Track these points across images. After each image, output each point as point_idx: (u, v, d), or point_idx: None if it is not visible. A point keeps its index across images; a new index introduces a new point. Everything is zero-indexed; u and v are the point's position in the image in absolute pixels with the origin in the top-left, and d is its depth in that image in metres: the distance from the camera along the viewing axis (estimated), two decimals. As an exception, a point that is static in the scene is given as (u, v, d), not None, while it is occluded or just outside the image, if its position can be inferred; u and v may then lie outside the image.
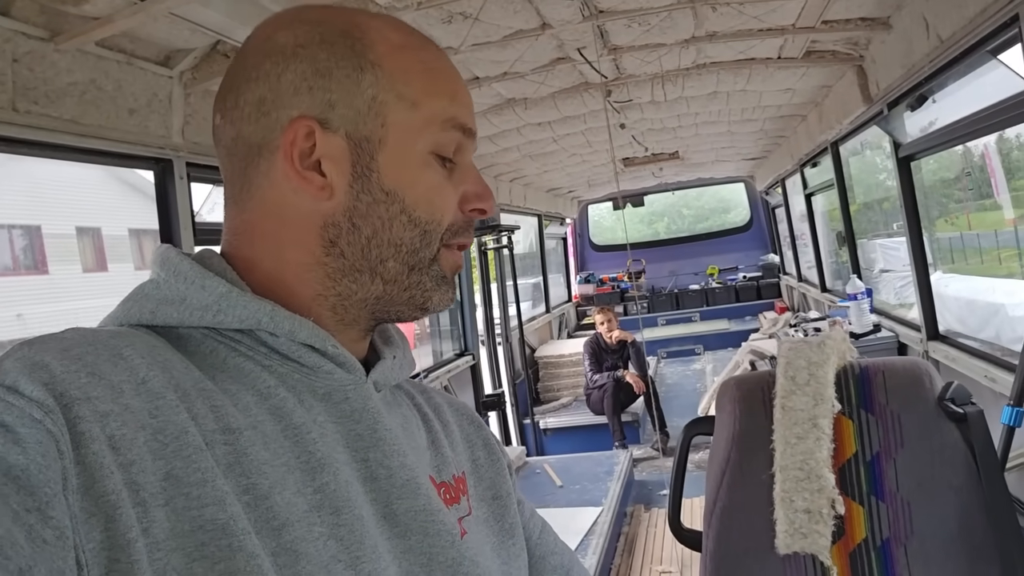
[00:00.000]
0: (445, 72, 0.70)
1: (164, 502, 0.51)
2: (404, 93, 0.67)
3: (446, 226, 0.69)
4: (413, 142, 0.67)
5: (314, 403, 0.65)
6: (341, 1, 2.21)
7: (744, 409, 1.44)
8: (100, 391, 0.51)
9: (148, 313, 0.63)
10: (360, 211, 0.67)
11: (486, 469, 0.84)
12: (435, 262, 0.70)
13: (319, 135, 0.66)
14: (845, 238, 5.10)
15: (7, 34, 1.76)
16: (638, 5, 2.67)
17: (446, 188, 0.69)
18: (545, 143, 5.02)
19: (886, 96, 3.35)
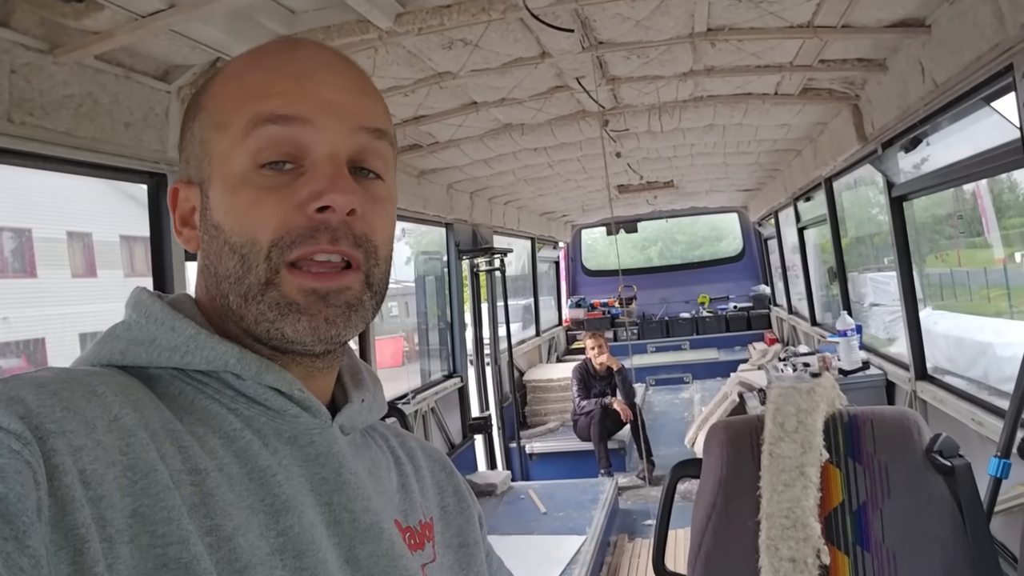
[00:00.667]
0: (262, 76, 0.66)
1: (129, 539, 0.51)
2: (218, 121, 0.66)
3: (269, 242, 0.63)
4: (230, 166, 0.65)
5: (279, 446, 0.65)
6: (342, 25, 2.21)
7: (732, 453, 1.43)
8: (74, 425, 0.52)
9: (118, 353, 0.64)
10: (206, 251, 0.67)
11: (455, 516, 0.83)
12: (271, 287, 0.63)
13: (182, 192, 0.70)
14: (836, 273, 5.12)
15: (6, 45, 1.76)
16: (637, 38, 2.69)
17: (264, 201, 0.63)
18: (541, 168, 5.04)
19: (880, 136, 3.38)
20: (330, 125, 0.65)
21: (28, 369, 0.69)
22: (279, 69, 0.66)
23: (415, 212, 4.50)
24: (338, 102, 0.66)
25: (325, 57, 0.68)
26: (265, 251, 0.63)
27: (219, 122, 0.66)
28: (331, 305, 0.64)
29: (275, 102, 0.64)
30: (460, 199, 5.26)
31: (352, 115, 0.66)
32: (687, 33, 2.68)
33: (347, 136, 0.66)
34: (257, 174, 0.64)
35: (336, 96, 0.66)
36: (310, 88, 0.65)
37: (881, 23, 2.59)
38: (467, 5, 2.21)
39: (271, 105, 0.64)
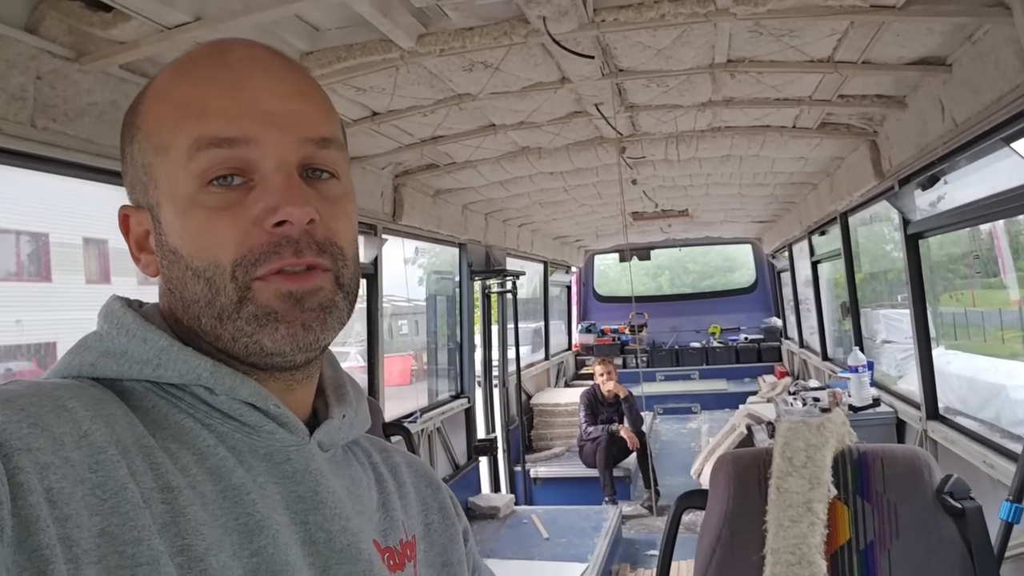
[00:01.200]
0: (195, 94, 0.63)
1: (97, 559, 0.49)
2: (158, 143, 0.63)
3: (232, 263, 0.61)
4: (176, 189, 0.62)
5: (255, 463, 0.63)
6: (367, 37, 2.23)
7: (738, 486, 1.42)
8: (41, 442, 0.50)
9: (88, 365, 0.62)
10: (167, 276, 0.65)
11: (439, 534, 0.81)
12: (246, 303, 0.62)
13: (132, 218, 0.67)
14: (849, 308, 5.09)
15: (33, 52, 1.78)
16: (658, 67, 2.70)
17: (216, 222, 0.61)
18: (556, 192, 5.05)
19: (898, 173, 3.37)
20: (274, 138, 0.62)
21: (39, 373, 0.69)
22: (212, 79, 0.63)
23: (429, 231, 4.51)
24: (280, 112, 0.63)
25: (260, 60, 0.65)
26: (230, 272, 0.61)
27: (158, 144, 0.63)
28: (306, 309, 0.63)
29: (214, 123, 0.61)
30: (475, 220, 5.27)
31: (296, 125, 0.63)
32: (707, 64, 2.69)
33: (293, 146, 0.63)
34: (206, 193, 0.61)
35: (277, 105, 0.63)
36: (247, 100, 0.62)
37: (902, 60, 2.60)
38: (489, 28, 2.23)
39: (210, 127, 0.61)
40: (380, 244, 3.83)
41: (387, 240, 3.92)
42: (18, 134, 1.78)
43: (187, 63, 0.65)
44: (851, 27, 2.33)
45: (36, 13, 1.77)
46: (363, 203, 3.58)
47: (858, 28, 2.33)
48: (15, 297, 12.80)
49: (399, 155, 3.55)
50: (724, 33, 2.38)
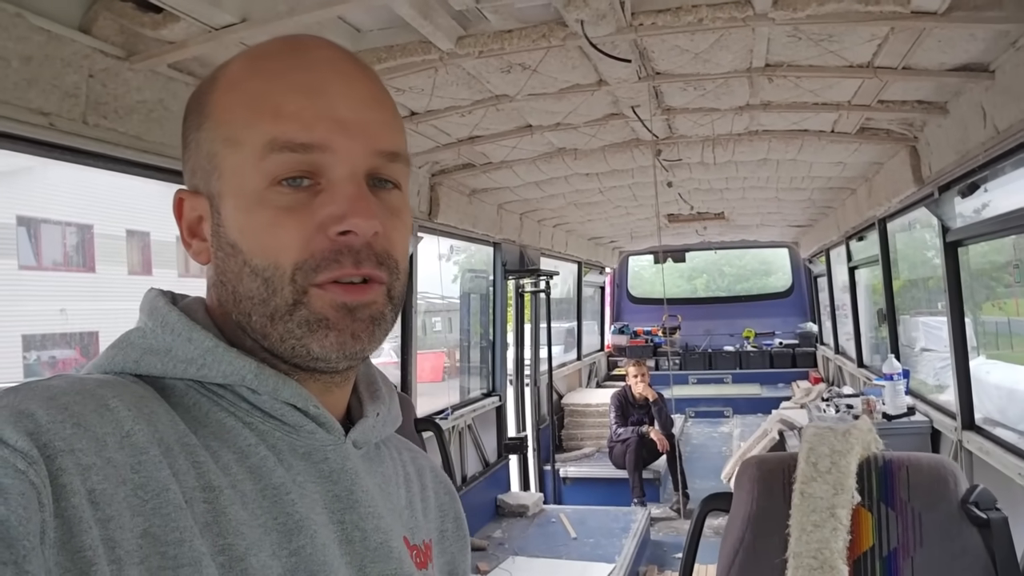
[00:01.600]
0: (272, 90, 0.62)
1: (139, 560, 0.50)
2: (228, 135, 0.63)
3: (292, 266, 0.61)
4: (243, 184, 0.62)
5: (294, 462, 0.63)
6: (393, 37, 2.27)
7: (762, 490, 1.43)
8: (84, 443, 0.50)
9: (132, 362, 0.62)
10: (221, 268, 0.65)
11: (451, 543, 0.82)
12: (300, 306, 0.62)
13: (187, 203, 0.67)
14: (886, 315, 5.03)
15: (86, 51, 1.85)
16: (695, 70, 2.70)
17: (283, 224, 0.61)
18: (591, 193, 5.06)
19: (937, 179, 3.33)
20: (347, 147, 0.62)
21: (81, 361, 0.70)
22: (289, 78, 0.62)
23: (464, 230, 4.55)
24: (354, 120, 0.63)
25: (337, 63, 0.65)
26: (289, 274, 0.61)
27: (228, 136, 0.63)
28: (357, 319, 0.63)
29: (290, 126, 0.61)
30: (510, 219, 5.31)
31: (369, 136, 0.63)
32: (745, 68, 2.69)
33: (364, 156, 0.63)
34: (274, 192, 0.61)
35: (352, 114, 0.63)
36: (324, 106, 0.62)
37: (943, 67, 2.57)
38: (527, 31, 2.25)
39: (286, 130, 0.61)
40: (415, 242, 3.88)
41: (422, 238, 3.97)
42: (71, 130, 1.85)
43: (262, 57, 0.65)
44: (891, 33, 2.32)
45: (90, 14, 1.84)
46: (400, 201, 3.62)
47: (899, 34, 2.32)
48: (61, 286, 13.14)
49: (436, 154, 3.59)
50: (762, 38, 2.38)
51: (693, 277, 18.10)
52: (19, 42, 1.69)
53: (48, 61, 1.76)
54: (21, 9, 1.69)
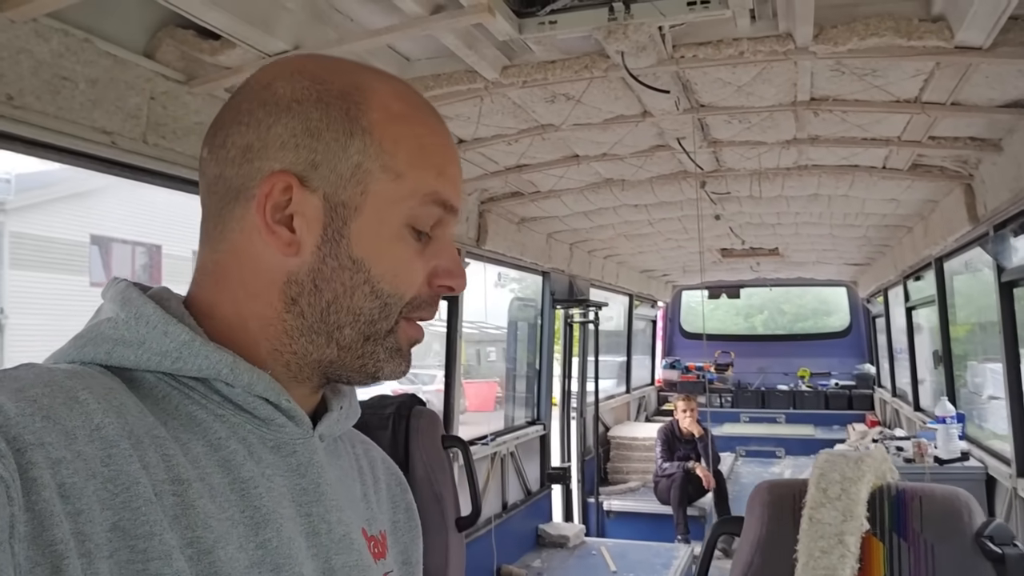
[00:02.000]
0: (437, 147, 0.69)
1: (109, 554, 0.50)
2: (390, 164, 0.66)
3: (408, 300, 0.68)
4: (390, 214, 0.66)
5: (264, 455, 0.65)
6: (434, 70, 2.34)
7: (772, 514, 1.42)
8: (54, 437, 0.50)
9: (103, 353, 0.62)
10: (324, 274, 0.66)
11: (403, 533, 0.84)
12: (392, 334, 0.68)
13: (296, 192, 0.65)
14: (941, 357, 4.89)
15: (148, 74, 1.97)
16: (739, 103, 2.72)
17: (415, 263, 0.68)
18: (641, 224, 5.07)
19: (992, 218, 3.26)
20: (457, 215, 0.71)
21: None
22: (445, 144, 0.70)
23: (513, 258, 4.60)
24: (460, 194, 0.72)
25: (453, 144, 0.73)
26: (402, 306, 0.68)
27: (389, 166, 0.66)
28: (410, 353, 0.72)
29: (448, 189, 0.68)
30: (559, 249, 5.34)
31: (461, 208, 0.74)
32: (789, 101, 2.69)
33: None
34: (406, 231, 0.67)
35: (460, 188, 0.72)
36: (458, 179, 0.71)
37: (993, 103, 2.55)
38: (570, 62, 2.31)
39: (446, 191, 0.68)
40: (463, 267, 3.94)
41: (469, 263, 4.03)
42: (132, 149, 1.97)
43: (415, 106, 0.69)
44: (937, 68, 2.31)
45: (154, 40, 1.96)
46: (448, 227, 3.69)
47: (944, 69, 2.30)
48: (128, 303, 13.58)
49: (485, 182, 3.66)
50: (805, 71, 2.39)
51: (751, 315, 17.81)
52: (87, 65, 1.81)
53: (113, 84, 1.88)
54: (90, 35, 1.82)
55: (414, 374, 18.49)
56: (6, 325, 11.96)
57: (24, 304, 11.83)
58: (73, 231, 12.65)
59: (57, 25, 1.73)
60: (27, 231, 12.21)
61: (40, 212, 12.60)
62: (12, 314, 12.01)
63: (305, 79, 0.67)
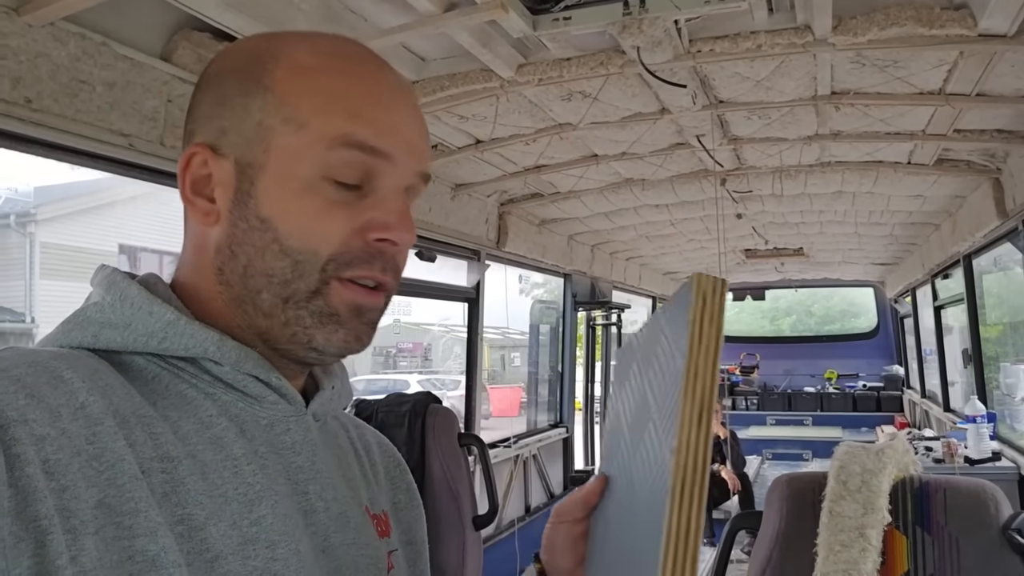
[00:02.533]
0: (353, 90, 0.65)
1: (94, 530, 0.50)
2: (292, 116, 0.64)
3: (327, 257, 0.63)
4: (296, 167, 0.63)
5: (257, 433, 0.64)
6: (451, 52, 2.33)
7: (791, 508, 1.40)
8: (37, 414, 0.50)
9: (90, 337, 0.62)
10: (238, 238, 0.65)
11: (405, 512, 0.84)
12: (319, 296, 0.64)
13: (211, 162, 0.65)
14: (971, 356, 4.80)
15: (165, 77, 1.98)
16: (758, 98, 2.69)
17: (332, 216, 0.63)
18: (662, 225, 5.03)
19: (1022, 212, 3.20)
20: (404, 163, 0.66)
21: None
22: (366, 87, 0.65)
23: (533, 260, 4.59)
24: (415, 143, 0.67)
25: (403, 88, 0.69)
26: (322, 264, 0.63)
27: (290, 117, 0.64)
28: (363, 322, 0.66)
29: (366, 130, 0.63)
30: (580, 251, 5.32)
31: (420, 158, 0.68)
32: (810, 95, 2.66)
33: (411, 175, 0.68)
34: (324, 184, 0.63)
35: (413, 135, 0.67)
36: (397, 123, 0.66)
37: (1020, 93, 2.49)
38: (586, 59, 2.29)
39: (362, 132, 0.63)
40: (483, 269, 3.94)
41: (489, 266, 4.02)
42: (149, 151, 1.98)
43: (335, 56, 0.66)
44: (961, 57, 2.26)
45: (171, 43, 1.97)
46: (467, 229, 3.69)
47: (968, 59, 2.26)
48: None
49: (503, 183, 3.65)
50: (825, 64, 2.36)
51: (777, 317, 17.66)
52: (104, 69, 1.83)
53: (130, 87, 1.90)
54: (107, 39, 1.83)
55: (440, 380, 18.49)
56: (37, 334, 12.15)
57: (54, 313, 11.98)
58: (102, 241, 12.83)
59: (74, 29, 1.75)
60: (57, 241, 12.41)
61: (69, 222, 12.82)
62: (42, 323, 12.20)
63: (229, 54, 0.69)
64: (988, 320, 5.14)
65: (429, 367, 22.72)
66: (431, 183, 3.29)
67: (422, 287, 3.64)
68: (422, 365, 23.07)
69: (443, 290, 3.84)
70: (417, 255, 3.40)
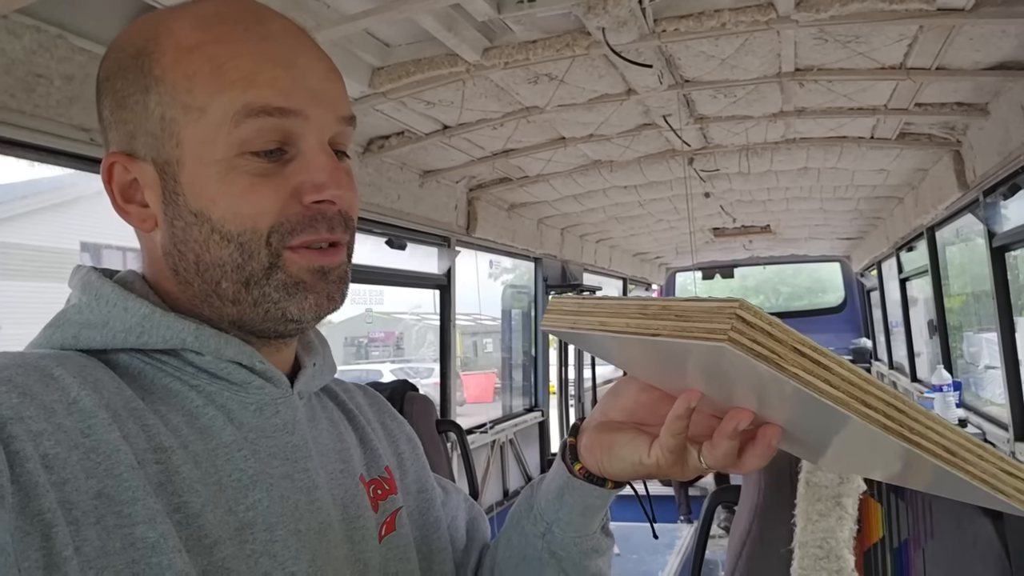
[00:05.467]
0: (242, 57, 0.62)
1: (95, 520, 0.51)
2: (189, 103, 0.62)
3: (267, 230, 0.63)
4: (210, 152, 0.62)
5: (246, 419, 0.64)
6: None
7: (769, 480, 1.42)
8: (32, 411, 0.51)
9: (71, 338, 0.62)
10: (179, 237, 0.64)
11: (411, 463, 0.85)
12: (275, 270, 0.64)
13: (132, 167, 0.64)
14: (936, 327, 4.89)
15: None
16: (723, 77, 2.70)
17: (259, 190, 0.62)
18: (631, 206, 5.05)
19: (982, 183, 3.25)
20: (319, 115, 0.64)
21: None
22: (256, 49, 0.62)
23: (504, 245, 4.58)
24: (323, 90, 0.65)
25: (299, 37, 0.66)
26: (265, 238, 0.63)
27: (189, 104, 0.62)
28: (330, 281, 0.66)
29: (266, 93, 0.61)
30: (550, 234, 5.32)
31: (335, 104, 0.66)
32: (774, 73, 2.67)
33: (332, 124, 0.65)
34: (245, 159, 0.62)
35: (321, 84, 0.65)
36: (298, 76, 0.63)
37: (979, 65, 2.52)
38: (551, 41, 2.28)
39: (263, 96, 0.61)
40: (453, 256, 3.93)
41: (460, 252, 4.01)
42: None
43: (215, 21, 0.63)
44: (920, 32, 2.29)
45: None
46: (437, 216, 3.68)
47: (928, 32, 2.28)
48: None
49: (472, 168, 3.63)
50: (788, 41, 2.37)
51: (747, 296, 17.82)
52: (61, 62, 1.79)
53: (89, 80, 1.85)
54: (64, 31, 1.79)
55: (413, 369, 18.44)
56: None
57: (16, 314, 11.78)
58: (62, 239, 12.58)
59: (29, 21, 1.71)
60: (15, 241, 12.15)
61: (27, 221, 12.54)
62: (5, 324, 11.97)
63: (114, 50, 0.66)
64: (952, 291, 5.24)
65: (402, 356, 22.67)
66: (400, 171, 3.25)
67: (393, 275, 3.62)
68: (395, 354, 23.02)
69: (414, 278, 3.82)
70: (387, 243, 3.38)
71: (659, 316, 0.52)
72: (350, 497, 0.70)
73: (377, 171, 3.08)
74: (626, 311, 0.56)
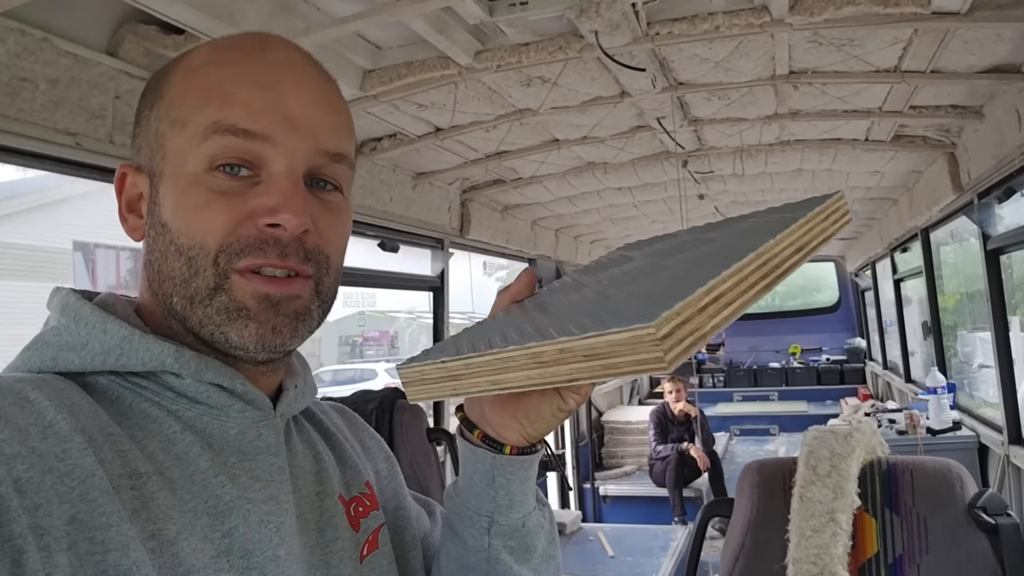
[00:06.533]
0: (228, 78, 0.63)
1: (67, 546, 0.49)
2: (176, 117, 0.63)
3: (215, 248, 0.61)
4: (183, 165, 0.63)
5: (224, 444, 0.63)
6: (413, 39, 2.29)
7: (762, 494, 1.40)
8: (6, 434, 0.50)
9: (49, 360, 0.61)
10: (151, 247, 0.65)
11: (388, 481, 0.84)
12: (220, 291, 0.62)
13: (135, 179, 0.67)
14: (931, 328, 4.89)
15: (112, 73, 1.91)
16: (717, 79, 2.68)
17: (214, 206, 0.61)
18: (626, 208, 5.03)
19: (976, 186, 3.25)
20: (290, 142, 0.63)
21: None
22: (245, 72, 0.63)
23: (498, 246, 4.56)
24: (302, 118, 0.64)
25: (295, 65, 0.66)
26: (213, 256, 0.61)
27: (176, 118, 0.63)
28: (280, 314, 0.63)
29: (236, 113, 0.61)
30: (544, 235, 5.30)
31: (315, 135, 0.65)
32: (768, 75, 2.66)
33: (306, 154, 0.64)
34: (211, 176, 0.62)
35: (301, 111, 0.64)
36: (275, 101, 0.63)
37: (973, 69, 2.52)
38: (544, 44, 2.26)
39: (232, 116, 0.61)
40: (446, 258, 3.90)
41: (453, 254, 3.99)
42: (97, 149, 1.91)
43: (227, 49, 0.65)
44: (915, 35, 2.27)
45: (116, 37, 1.91)
46: (430, 217, 3.66)
47: (923, 36, 2.27)
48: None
49: (465, 170, 3.61)
50: (782, 44, 2.36)
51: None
52: (46, 66, 1.76)
53: (75, 84, 1.83)
54: (49, 34, 1.76)
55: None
56: (-9, 336, 11.87)
57: (8, 314, 11.73)
58: (55, 238, 12.52)
59: (13, 25, 1.68)
60: (7, 240, 12.09)
61: (19, 221, 12.47)
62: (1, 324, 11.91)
63: (151, 75, 0.70)
64: (945, 291, 5.24)
65: (396, 355, 22.63)
66: (392, 173, 3.23)
67: (386, 278, 3.60)
68: (389, 353, 22.98)
69: (407, 280, 3.80)
70: (380, 246, 3.36)
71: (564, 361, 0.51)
72: (327, 520, 0.69)
73: (369, 173, 3.06)
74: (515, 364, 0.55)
